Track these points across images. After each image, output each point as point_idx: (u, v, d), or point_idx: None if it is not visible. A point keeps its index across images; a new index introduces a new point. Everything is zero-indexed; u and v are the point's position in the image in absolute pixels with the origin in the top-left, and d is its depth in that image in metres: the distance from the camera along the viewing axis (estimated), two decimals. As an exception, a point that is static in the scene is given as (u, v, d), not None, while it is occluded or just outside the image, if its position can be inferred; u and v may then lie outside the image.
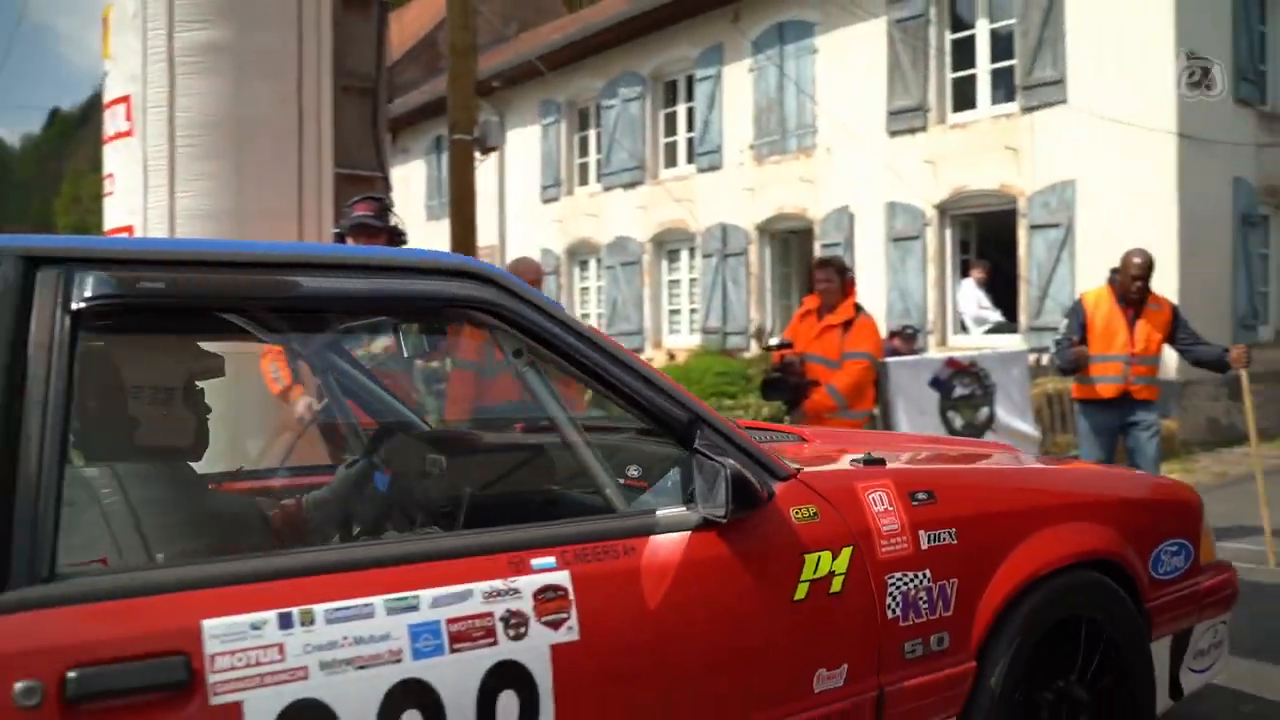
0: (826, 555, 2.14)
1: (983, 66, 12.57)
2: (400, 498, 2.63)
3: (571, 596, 1.81)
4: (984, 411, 7.56)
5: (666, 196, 16.21)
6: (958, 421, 7.36)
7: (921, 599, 2.28)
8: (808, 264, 14.57)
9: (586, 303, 18.48)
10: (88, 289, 1.60)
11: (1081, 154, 11.44)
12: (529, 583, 1.79)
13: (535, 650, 1.76)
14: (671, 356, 15.45)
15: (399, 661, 1.64)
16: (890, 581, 2.23)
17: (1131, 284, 5.65)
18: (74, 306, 1.59)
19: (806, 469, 2.30)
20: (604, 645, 1.84)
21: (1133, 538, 2.74)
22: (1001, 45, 12.43)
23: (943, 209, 12.77)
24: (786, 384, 5.79)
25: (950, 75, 12.80)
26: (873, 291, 13.30)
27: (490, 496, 2.48)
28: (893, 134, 13.03)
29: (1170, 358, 11.06)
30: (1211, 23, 11.47)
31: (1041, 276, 11.80)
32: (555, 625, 1.79)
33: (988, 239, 13.18)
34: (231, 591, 1.59)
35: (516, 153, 18.51)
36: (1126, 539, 2.71)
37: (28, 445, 1.49)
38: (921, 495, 2.36)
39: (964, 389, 7.71)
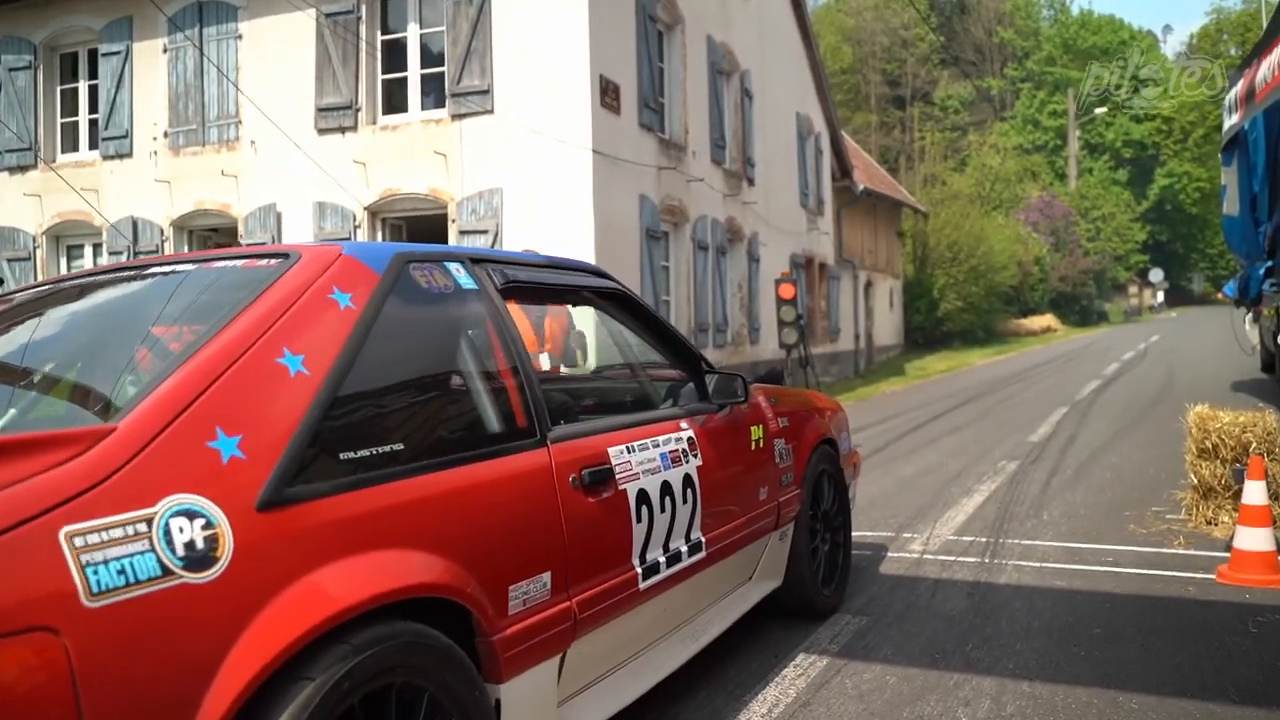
0: (756, 427, 3.85)
1: (414, 70, 12.53)
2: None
3: (697, 443, 3.33)
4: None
5: (65, 184, 14.20)
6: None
7: (784, 453, 4.06)
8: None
9: (-37, 306, 15.61)
10: (501, 277, 2.83)
11: (508, 163, 11.80)
12: (685, 435, 3.29)
13: (693, 467, 3.24)
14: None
15: (660, 471, 3.04)
16: (774, 443, 3.98)
17: None
18: (499, 285, 2.80)
19: None
20: (709, 467, 3.34)
21: (836, 430, 4.81)
22: (433, 51, 12.49)
23: (374, 211, 12.52)
24: None
25: (381, 76, 12.61)
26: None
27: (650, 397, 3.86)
28: (322, 131, 12.53)
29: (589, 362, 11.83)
30: (619, 53, 12.45)
31: (472, 281, 11.96)
32: (696, 456, 3.29)
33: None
34: (613, 435, 2.92)
35: None
36: (835, 430, 4.78)
37: (525, 367, 2.69)
38: (773, 400, 4.15)
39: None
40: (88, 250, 14.53)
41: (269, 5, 12.70)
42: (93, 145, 14.34)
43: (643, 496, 2.90)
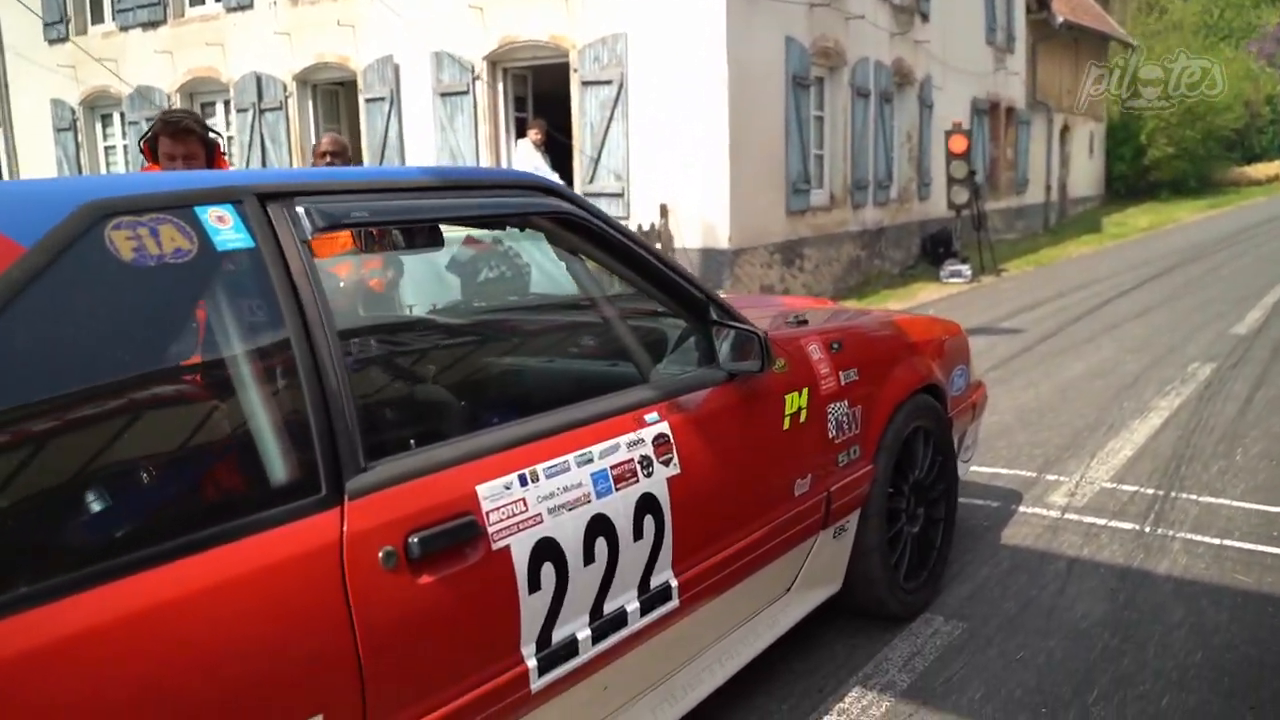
0: (794, 395, 2.74)
1: (533, -101, 11.24)
2: None
3: (672, 441, 2.27)
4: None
5: (194, 39, 13.78)
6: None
7: (845, 422, 2.95)
8: (355, 120, 12.92)
9: (114, 165, 15.70)
10: (320, 219, 1.76)
11: (632, 3, 10.51)
12: (648, 433, 2.22)
13: (659, 482, 2.20)
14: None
15: (589, 502, 2.02)
16: (829, 410, 2.88)
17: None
18: (308, 234, 1.74)
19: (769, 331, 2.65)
20: (693, 474, 2.31)
21: (943, 367, 3.59)
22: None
23: (494, 61, 11.49)
24: None
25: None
26: (422, 153, 11.94)
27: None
28: (437, -28, 11.49)
29: (720, 227, 10.67)
30: None
31: (595, 137, 10.92)
32: (667, 463, 2.24)
33: (544, 97, 12.12)
34: (496, 459, 1.88)
35: (7, -21, 15.13)
36: (941, 368, 3.56)
37: (325, 365, 1.64)
38: (835, 345, 3.01)
39: (491, 272, 6.71)
40: (219, 107, 14.15)
41: None
42: (217, -4, 13.78)
43: (546, 550, 1.89)
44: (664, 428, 2.25)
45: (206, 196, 1.66)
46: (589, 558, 1.99)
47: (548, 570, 1.89)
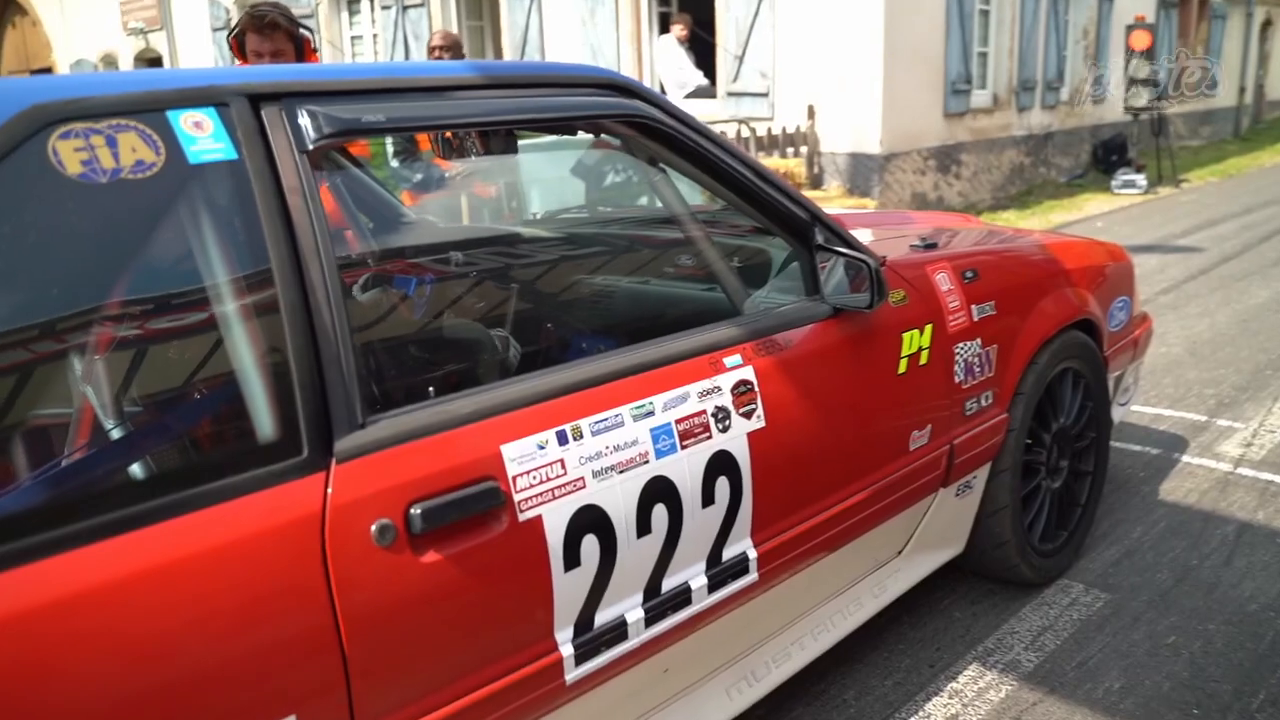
0: (915, 333, 2.35)
1: None
2: None
3: (757, 388, 1.93)
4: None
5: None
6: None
7: (975, 364, 2.56)
8: (497, 16, 12.64)
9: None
10: (326, 124, 1.48)
11: (784, -112, 9.82)
12: (727, 380, 1.88)
13: (737, 438, 1.87)
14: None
15: (647, 462, 1.71)
16: (956, 351, 2.49)
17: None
18: (310, 143, 1.46)
19: (889, 257, 2.38)
20: (782, 427, 1.96)
21: (1099, 299, 3.10)
22: None
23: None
24: None
25: None
26: (563, 49, 11.60)
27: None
28: None
29: (870, 130, 10.04)
30: None
31: (740, 34, 10.35)
32: (748, 415, 1.90)
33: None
34: (528, 412, 1.59)
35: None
36: (1097, 301, 3.07)
37: (317, 303, 1.39)
38: (969, 274, 2.59)
39: (618, 175, 6.39)
40: (364, 4, 14.07)
41: None
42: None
43: (588, 521, 1.60)
44: (747, 373, 1.92)
45: (183, 98, 1.38)
46: (644, 528, 1.70)
47: (590, 544, 1.61)
